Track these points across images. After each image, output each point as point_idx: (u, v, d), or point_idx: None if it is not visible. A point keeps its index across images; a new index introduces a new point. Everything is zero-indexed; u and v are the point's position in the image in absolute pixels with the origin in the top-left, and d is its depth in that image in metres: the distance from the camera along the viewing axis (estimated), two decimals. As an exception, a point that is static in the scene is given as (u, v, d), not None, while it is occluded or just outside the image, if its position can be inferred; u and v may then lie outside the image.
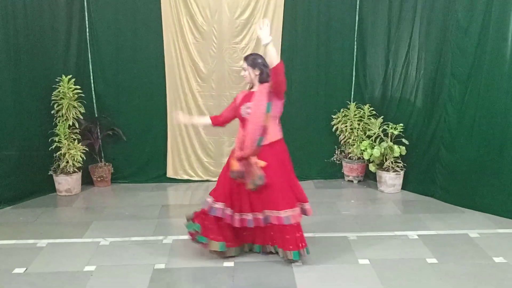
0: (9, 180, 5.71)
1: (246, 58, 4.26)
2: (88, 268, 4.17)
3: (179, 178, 6.79)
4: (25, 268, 4.16)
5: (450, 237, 4.84)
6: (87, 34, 6.36)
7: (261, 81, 4.17)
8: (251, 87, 4.28)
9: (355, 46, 6.65)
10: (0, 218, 5.39)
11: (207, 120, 4.53)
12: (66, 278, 4.01)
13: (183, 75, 6.52)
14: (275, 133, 4.21)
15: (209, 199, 4.25)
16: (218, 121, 4.46)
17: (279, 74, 3.90)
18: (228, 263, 4.26)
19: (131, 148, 6.62)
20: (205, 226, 4.25)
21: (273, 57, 3.83)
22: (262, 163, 4.07)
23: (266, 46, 3.83)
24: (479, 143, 5.47)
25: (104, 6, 6.33)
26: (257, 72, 4.17)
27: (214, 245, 4.23)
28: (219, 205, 4.19)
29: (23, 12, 5.70)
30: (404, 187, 6.31)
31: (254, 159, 4.08)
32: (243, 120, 4.20)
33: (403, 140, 6.10)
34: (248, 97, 4.23)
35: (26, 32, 5.74)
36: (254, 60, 4.20)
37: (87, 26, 6.35)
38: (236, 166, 4.14)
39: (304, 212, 4.36)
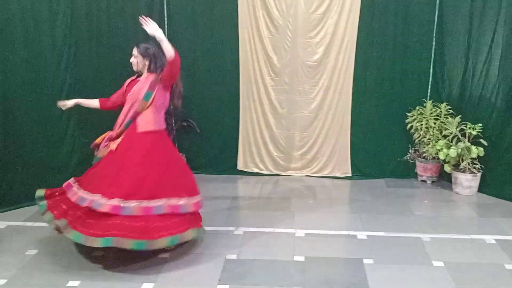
0: (87, 166, 5.84)
1: (138, 46, 4.33)
2: (162, 254, 4.27)
3: (249, 171, 6.85)
4: (103, 252, 4.30)
5: (530, 243, 4.64)
6: (165, 27, 6.50)
7: (150, 70, 4.30)
8: (139, 75, 4.38)
9: (434, 43, 6.44)
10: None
11: (95, 102, 4.64)
12: (142, 262, 4.11)
13: (256, 69, 6.55)
14: (153, 123, 4.26)
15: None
16: (106, 105, 4.58)
17: (175, 66, 4.12)
18: (299, 257, 4.25)
19: (204, 139, 6.73)
20: None
21: (170, 49, 4.01)
22: (113, 146, 4.24)
23: (162, 41, 4.00)
24: None
25: (182, 2, 6.46)
26: (147, 62, 4.30)
27: None
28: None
29: (106, 4, 5.90)
30: (481, 189, 6.07)
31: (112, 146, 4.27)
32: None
33: (482, 140, 5.88)
34: (134, 83, 4.36)
35: (108, 24, 5.95)
36: (146, 49, 4.30)
37: (165, 19, 6.49)
38: (99, 140, 4.44)
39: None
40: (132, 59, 4.34)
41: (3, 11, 5.02)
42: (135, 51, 4.32)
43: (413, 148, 6.61)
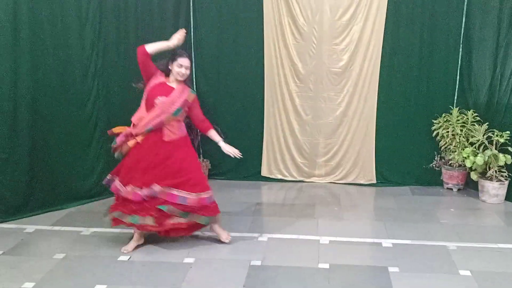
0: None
1: (188, 56, 4.46)
2: (187, 260, 4.30)
3: (273, 177, 6.86)
4: (129, 256, 4.37)
5: (559, 253, 4.56)
6: (192, 34, 6.58)
7: (186, 84, 4.47)
8: (164, 80, 4.43)
9: (460, 49, 6.39)
10: (106, 206, 5.58)
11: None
12: (167, 268, 4.16)
13: (281, 76, 6.58)
14: (178, 132, 4.49)
15: None
16: (144, 54, 4.42)
17: None
18: (324, 265, 4.24)
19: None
20: None
21: None
22: (139, 139, 4.39)
23: None
24: None
25: (208, 8, 6.53)
26: (189, 72, 4.43)
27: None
28: None
29: (134, 12, 5.98)
30: (508, 198, 5.99)
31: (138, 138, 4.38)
32: (150, 105, 4.36)
33: (509, 148, 5.80)
34: (166, 90, 4.37)
35: (135, 32, 6.01)
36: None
37: (191, 27, 6.57)
38: (117, 131, 4.51)
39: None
40: (185, 71, 4.39)
41: (34, 16, 5.11)
42: (188, 62, 4.42)
43: (439, 156, 6.55)
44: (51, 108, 5.39)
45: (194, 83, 6.69)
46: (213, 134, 4.73)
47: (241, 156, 4.63)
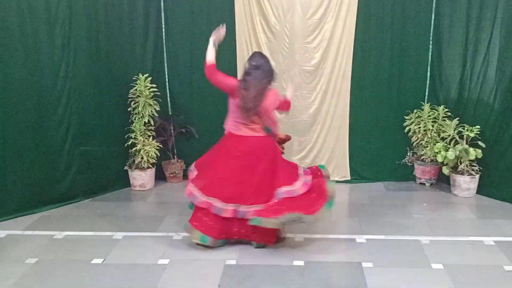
0: (87, 173, 5.95)
1: (260, 53, 4.76)
2: (162, 261, 4.29)
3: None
4: (103, 259, 4.33)
5: (529, 244, 4.65)
6: (163, 34, 6.55)
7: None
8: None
9: (431, 46, 6.47)
10: (79, 210, 5.64)
11: (211, 57, 4.71)
12: (141, 270, 4.14)
13: (254, 75, 6.57)
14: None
15: None
16: (211, 71, 4.62)
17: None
18: (298, 262, 4.27)
19: (203, 145, 6.67)
20: None
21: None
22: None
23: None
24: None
25: (179, 7, 6.49)
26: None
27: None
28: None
29: (104, 12, 5.93)
30: (479, 191, 6.08)
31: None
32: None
33: (480, 143, 5.89)
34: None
35: (106, 33, 5.98)
36: None
37: (163, 27, 6.53)
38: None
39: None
40: None
41: (1, 17, 5.03)
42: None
43: (411, 151, 6.64)
44: (22, 111, 5.29)
45: (167, 84, 6.67)
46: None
47: None
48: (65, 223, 5.20)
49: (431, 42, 6.47)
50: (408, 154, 6.65)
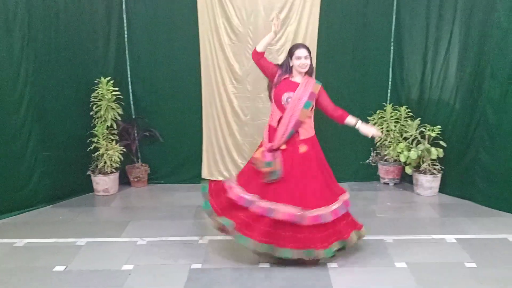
0: (49, 179, 5.83)
1: (306, 47, 4.29)
2: (126, 267, 4.24)
3: (214, 179, 6.82)
4: (65, 266, 4.25)
5: (489, 241, 4.75)
6: (125, 37, 6.47)
7: (309, 74, 4.31)
8: (287, 76, 4.30)
9: (392, 47, 6.58)
10: (41, 216, 5.53)
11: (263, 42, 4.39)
12: (105, 276, 4.08)
13: (218, 77, 6.55)
14: (311, 129, 4.38)
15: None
16: (259, 56, 4.38)
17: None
18: (264, 264, 4.27)
19: (167, 149, 6.70)
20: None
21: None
22: (283, 146, 4.21)
23: None
24: (520, 145, 5.37)
25: (141, 9, 6.43)
26: (309, 62, 4.27)
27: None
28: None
29: (64, 14, 5.83)
30: (442, 190, 6.20)
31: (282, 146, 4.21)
32: (281, 107, 4.25)
33: (441, 142, 6.00)
34: (291, 86, 4.24)
35: (67, 35, 5.88)
36: (310, 51, 4.31)
37: (125, 29, 6.45)
38: (259, 155, 4.23)
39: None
40: (304, 61, 4.23)
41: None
42: (305, 52, 4.25)
43: (374, 152, 6.72)
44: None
45: (130, 87, 6.58)
46: (350, 120, 4.43)
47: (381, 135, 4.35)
48: (26, 230, 5.09)
49: (392, 43, 6.57)
50: (371, 154, 6.73)
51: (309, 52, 4.30)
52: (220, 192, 4.34)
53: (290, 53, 4.31)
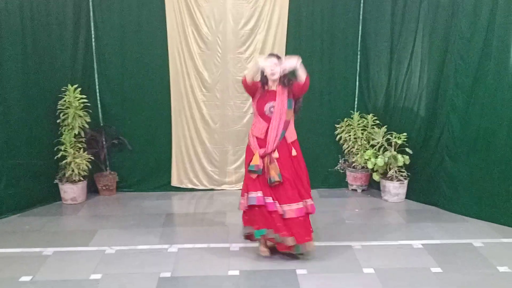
0: (15, 188, 5.74)
1: (277, 56, 4.49)
2: (94, 276, 4.20)
3: (184, 187, 6.81)
4: (31, 276, 4.19)
5: (454, 246, 4.86)
6: (93, 44, 6.41)
7: (284, 84, 4.47)
8: (265, 86, 4.49)
9: (359, 56, 6.70)
10: (7, 226, 5.42)
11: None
12: (72, 286, 4.04)
13: (187, 85, 6.56)
14: (294, 132, 4.64)
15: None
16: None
17: (306, 86, 4.49)
18: (233, 272, 4.28)
19: (136, 157, 6.65)
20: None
21: (304, 74, 4.40)
22: (276, 155, 4.44)
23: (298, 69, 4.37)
24: (483, 152, 5.50)
25: (109, 17, 6.39)
26: (278, 69, 4.42)
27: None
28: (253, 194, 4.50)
29: (31, 22, 5.76)
30: (408, 196, 6.31)
31: (274, 154, 4.44)
32: (266, 119, 4.46)
33: (407, 149, 6.12)
34: (270, 95, 4.46)
35: (33, 42, 5.80)
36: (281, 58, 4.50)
37: (93, 36, 6.39)
38: (256, 161, 4.41)
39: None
40: (275, 68, 4.38)
41: None
42: (276, 60, 4.41)
43: (343, 159, 6.80)
44: None
45: (98, 94, 6.52)
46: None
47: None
48: (-10, 240, 5.00)
49: (359, 53, 6.69)
50: (340, 161, 6.81)
51: (279, 62, 4.43)
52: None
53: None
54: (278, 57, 4.47)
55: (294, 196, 4.50)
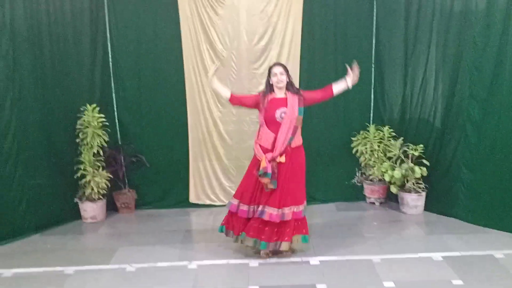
0: (36, 208, 5.80)
1: (282, 65, 4.80)
2: (115, 294, 4.24)
3: (202, 203, 6.85)
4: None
5: (475, 258, 4.82)
6: (110, 63, 6.52)
7: (292, 91, 4.76)
8: (270, 92, 4.77)
9: (373, 69, 6.72)
10: (29, 245, 5.49)
11: (226, 92, 4.88)
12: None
13: (203, 101, 6.63)
14: (300, 137, 4.85)
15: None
16: (234, 100, 4.87)
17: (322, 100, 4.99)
18: (253, 287, 4.29)
19: (154, 174, 6.71)
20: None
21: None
22: (283, 159, 4.65)
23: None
24: (500, 162, 5.47)
25: (126, 36, 6.50)
26: (288, 79, 4.74)
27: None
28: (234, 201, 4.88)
29: (49, 43, 5.87)
30: (427, 208, 6.28)
31: (281, 159, 4.64)
32: (275, 124, 4.67)
33: (424, 161, 6.11)
34: (280, 102, 4.71)
35: (52, 63, 5.91)
36: (286, 68, 4.79)
37: (110, 55, 6.50)
38: (264, 164, 4.57)
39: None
40: (280, 76, 4.70)
41: None
42: (282, 69, 4.72)
43: (360, 171, 6.80)
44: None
45: (116, 113, 6.62)
46: (338, 87, 4.92)
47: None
48: (14, 260, 5.05)
49: (373, 65, 6.71)
50: (357, 174, 6.81)
51: (285, 69, 4.79)
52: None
53: (269, 72, 4.79)
54: (284, 66, 4.77)
55: (274, 201, 4.69)
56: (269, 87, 4.79)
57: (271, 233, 4.74)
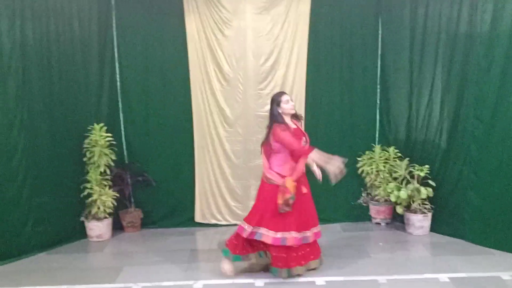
0: (43, 226, 5.82)
1: (288, 94, 5.01)
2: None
3: (207, 222, 6.85)
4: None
5: (482, 279, 4.79)
6: (118, 83, 6.60)
7: (295, 118, 5.00)
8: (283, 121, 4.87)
9: (378, 90, 6.78)
10: (34, 264, 5.50)
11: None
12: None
13: (210, 121, 6.67)
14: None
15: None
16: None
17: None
18: (259, 308, 4.29)
19: (160, 193, 6.73)
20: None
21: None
22: (305, 190, 4.93)
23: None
24: (506, 182, 5.47)
25: (133, 56, 6.59)
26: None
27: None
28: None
29: (57, 63, 5.94)
30: (433, 229, 6.25)
31: (304, 189, 4.93)
32: (294, 158, 4.88)
33: (430, 181, 6.11)
34: (297, 132, 4.90)
35: (60, 82, 5.98)
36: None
37: (117, 75, 6.59)
38: (294, 189, 4.72)
39: None
40: (292, 103, 4.92)
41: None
42: (288, 97, 4.89)
43: (365, 192, 6.80)
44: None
45: (123, 132, 6.67)
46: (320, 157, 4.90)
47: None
48: (20, 278, 5.06)
49: (378, 86, 6.76)
50: (362, 194, 6.81)
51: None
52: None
53: (277, 102, 4.83)
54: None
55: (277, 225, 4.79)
56: (281, 117, 4.85)
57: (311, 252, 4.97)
